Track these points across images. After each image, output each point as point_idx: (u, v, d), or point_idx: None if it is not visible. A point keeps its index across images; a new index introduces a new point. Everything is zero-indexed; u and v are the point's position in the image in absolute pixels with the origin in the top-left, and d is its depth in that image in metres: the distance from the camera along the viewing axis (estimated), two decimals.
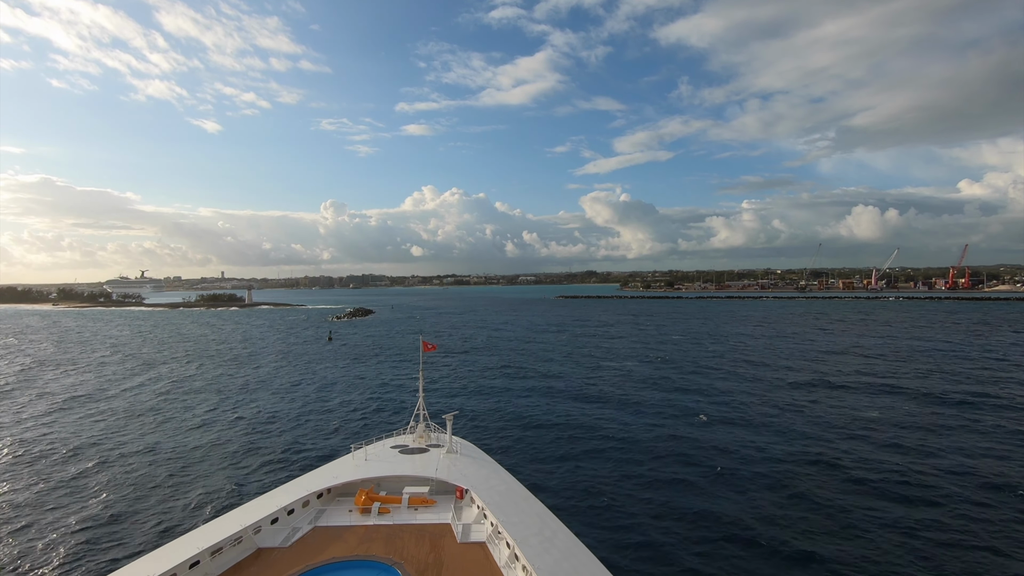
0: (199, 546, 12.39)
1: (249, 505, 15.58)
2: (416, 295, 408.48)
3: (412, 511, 15.97)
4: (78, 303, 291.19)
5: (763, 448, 32.36)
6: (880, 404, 42.77)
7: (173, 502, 26.16)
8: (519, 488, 17.21)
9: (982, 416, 38.65)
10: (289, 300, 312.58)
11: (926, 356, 67.30)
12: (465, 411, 42.24)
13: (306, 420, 41.06)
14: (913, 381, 51.37)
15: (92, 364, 73.04)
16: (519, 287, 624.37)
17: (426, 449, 20.77)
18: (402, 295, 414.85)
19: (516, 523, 13.82)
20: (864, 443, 32.95)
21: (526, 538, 12.94)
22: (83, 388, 55.46)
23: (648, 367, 63.11)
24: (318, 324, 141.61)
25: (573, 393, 49.24)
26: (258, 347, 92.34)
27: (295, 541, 13.98)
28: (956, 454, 30.81)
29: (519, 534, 13.11)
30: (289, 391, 52.40)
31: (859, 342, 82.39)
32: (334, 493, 17.33)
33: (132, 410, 45.22)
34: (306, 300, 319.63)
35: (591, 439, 35.05)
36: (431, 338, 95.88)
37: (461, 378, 58.30)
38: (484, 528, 14.55)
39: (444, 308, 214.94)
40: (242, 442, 35.86)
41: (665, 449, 32.64)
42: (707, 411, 41.21)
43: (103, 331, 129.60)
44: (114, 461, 32.47)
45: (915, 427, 36.31)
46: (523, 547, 12.44)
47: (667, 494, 26.00)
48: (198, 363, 72.61)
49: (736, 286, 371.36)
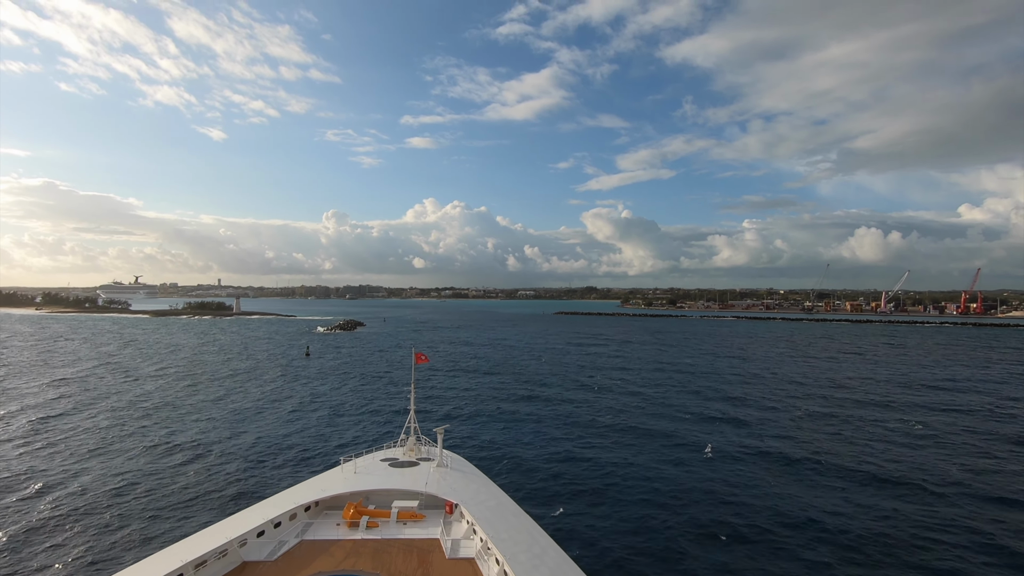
0: (183, 559, 12.09)
1: (235, 517, 15.19)
2: (412, 307, 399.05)
3: (401, 525, 15.76)
4: (62, 308, 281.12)
5: (775, 491, 27.91)
6: (964, 452, 33.31)
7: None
8: (510, 503, 17.10)
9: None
10: (281, 310, 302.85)
11: (989, 393, 57.87)
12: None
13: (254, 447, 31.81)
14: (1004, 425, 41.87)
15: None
16: (518, 301, 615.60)
17: (416, 463, 20.45)
18: (398, 307, 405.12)
19: (506, 539, 13.72)
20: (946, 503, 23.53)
21: (515, 554, 12.84)
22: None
23: (653, 389, 57.91)
24: (302, 336, 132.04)
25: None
26: (226, 359, 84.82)
27: (281, 555, 13.76)
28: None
29: (509, 550, 12.99)
30: (234, 414, 43.03)
31: (906, 373, 72.94)
32: (322, 506, 17.04)
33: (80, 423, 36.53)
34: (298, 310, 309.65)
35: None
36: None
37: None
38: (474, 544, 14.43)
39: (440, 322, 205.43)
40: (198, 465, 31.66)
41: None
42: (714, 443, 36.74)
43: (66, 336, 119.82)
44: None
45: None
46: (512, 563, 12.33)
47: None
48: (140, 376, 63.03)
49: (740, 305, 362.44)
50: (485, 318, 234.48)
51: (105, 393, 54.28)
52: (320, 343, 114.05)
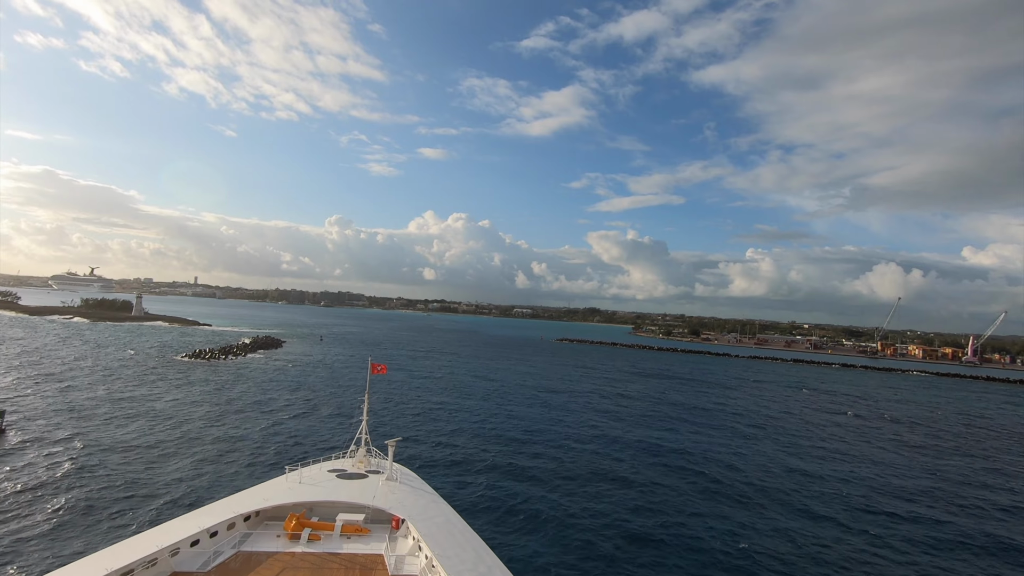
0: (107, 567, 11.52)
1: (169, 525, 14.51)
2: (383, 321, 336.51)
3: (344, 539, 15.40)
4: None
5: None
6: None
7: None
8: (458, 520, 16.78)
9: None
10: (211, 314, 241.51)
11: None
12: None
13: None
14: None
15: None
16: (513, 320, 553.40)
17: (365, 475, 19.86)
18: (369, 320, 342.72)
19: (451, 557, 13.37)
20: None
21: (460, 573, 12.59)
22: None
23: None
24: (170, 356, 71.55)
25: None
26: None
27: (215, 566, 13.22)
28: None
29: (454, 568, 12.74)
30: None
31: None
32: (263, 516, 16.42)
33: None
34: (226, 317, 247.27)
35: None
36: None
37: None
38: (418, 561, 14.10)
39: (400, 348, 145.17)
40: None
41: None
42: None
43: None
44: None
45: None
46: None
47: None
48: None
49: (778, 341, 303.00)
50: (466, 345, 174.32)
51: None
52: (166, 377, 54.08)
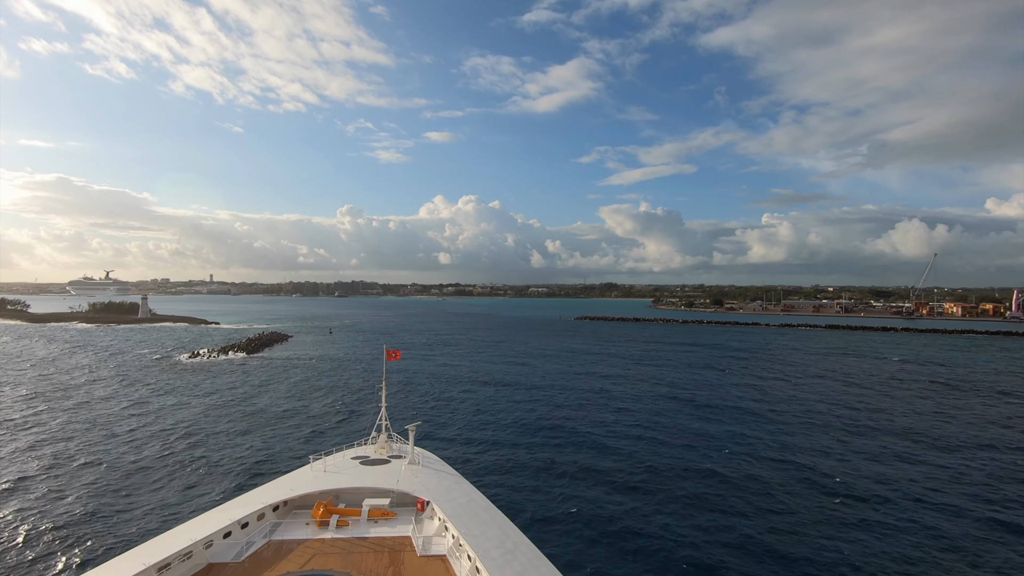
0: (145, 562, 11.66)
1: (201, 518, 14.71)
2: (397, 308, 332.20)
3: (372, 524, 15.50)
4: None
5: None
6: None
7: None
8: (481, 500, 16.85)
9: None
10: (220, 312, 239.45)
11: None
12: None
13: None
14: None
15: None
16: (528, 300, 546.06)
17: (387, 460, 20.08)
18: (385, 308, 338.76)
19: (478, 535, 13.50)
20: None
21: (487, 551, 12.67)
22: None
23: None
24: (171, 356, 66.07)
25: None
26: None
27: (248, 556, 13.35)
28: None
29: (480, 547, 12.81)
30: None
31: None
32: (291, 505, 16.60)
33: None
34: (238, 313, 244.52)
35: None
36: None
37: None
38: (445, 541, 14.24)
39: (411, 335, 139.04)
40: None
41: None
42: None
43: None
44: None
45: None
46: (484, 560, 12.15)
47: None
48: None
49: (805, 307, 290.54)
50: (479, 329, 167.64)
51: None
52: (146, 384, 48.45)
